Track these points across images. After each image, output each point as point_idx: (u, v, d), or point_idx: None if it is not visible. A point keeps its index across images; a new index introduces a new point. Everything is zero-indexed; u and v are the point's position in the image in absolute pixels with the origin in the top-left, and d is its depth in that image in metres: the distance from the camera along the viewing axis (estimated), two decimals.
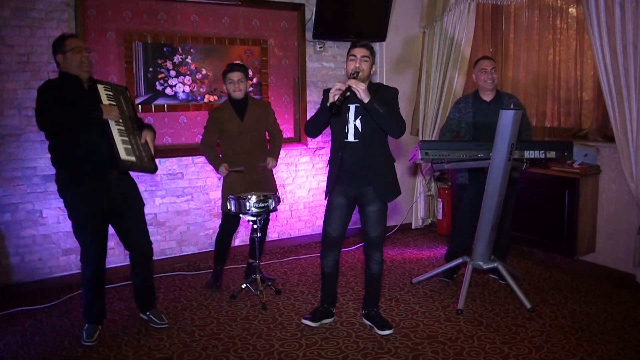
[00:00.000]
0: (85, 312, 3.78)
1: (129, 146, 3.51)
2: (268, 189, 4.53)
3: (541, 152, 4.17)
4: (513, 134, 3.90)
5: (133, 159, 3.49)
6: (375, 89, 3.58)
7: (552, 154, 4.18)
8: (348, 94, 3.39)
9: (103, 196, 3.60)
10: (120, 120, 3.56)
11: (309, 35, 5.78)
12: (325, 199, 3.84)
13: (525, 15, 5.60)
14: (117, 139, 3.48)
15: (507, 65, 5.85)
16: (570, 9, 5.24)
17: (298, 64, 5.80)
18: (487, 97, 4.49)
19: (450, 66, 5.87)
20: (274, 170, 4.69)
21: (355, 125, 3.60)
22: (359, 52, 3.55)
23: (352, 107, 3.57)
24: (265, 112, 4.62)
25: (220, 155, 4.54)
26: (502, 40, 5.91)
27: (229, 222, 4.62)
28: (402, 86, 6.33)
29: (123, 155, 3.44)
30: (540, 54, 5.48)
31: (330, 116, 3.50)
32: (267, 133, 4.71)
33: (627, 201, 4.62)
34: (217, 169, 4.48)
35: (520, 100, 5.56)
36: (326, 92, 3.70)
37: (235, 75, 4.38)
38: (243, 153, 4.46)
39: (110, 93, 3.63)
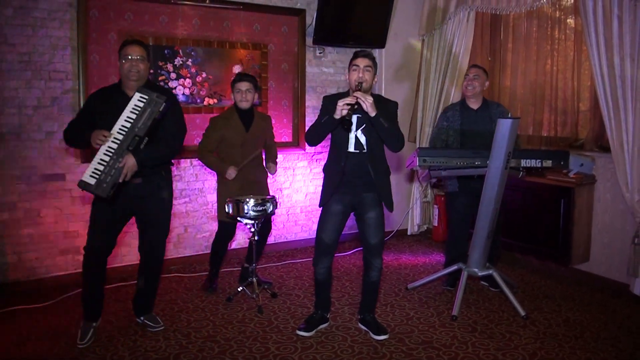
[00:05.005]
0: (83, 306, 3.81)
1: (101, 167, 3.42)
2: (264, 194, 4.56)
3: (538, 161, 4.21)
4: (510, 143, 3.94)
5: (92, 181, 3.40)
6: (377, 100, 3.55)
7: (548, 163, 4.22)
8: (356, 106, 3.42)
9: (121, 198, 3.61)
10: (119, 138, 3.45)
11: (309, 40, 5.81)
12: (320, 207, 3.83)
13: (524, 25, 5.65)
14: (97, 158, 3.42)
15: (505, 75, 5.90)
16: (568, 20, 5.29)
17: (298, 68, 5.84)
18: (474, 104, 4.55)
19: (448, 74, 5.91)
20: (269, 175, 4.76)
21: (356, 135, 3.62)
22: (362, 62, 3.55)
23: (354, 118, 3.55)
24: (267, 125, 4.69)
25: None
26: (500, 50, 5.96)
27: (226, 230, 4.63)
28: (401, 93, 6.38)
29: (85, 176, 3.40)
30: (538, 64, 5.52)
31: (343, 129, 3.50)
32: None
33: (622, 211, 4.66)
34: (224, 172, 4.42)
35: (517, 109, 5.65)
36: (326, 99, 3.72)
37: (243, 85, 4.40)
38: (242, 163, 4.48)
39: (141, 104, 3.48)
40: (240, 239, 5.60)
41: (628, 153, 4.36)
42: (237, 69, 5.41)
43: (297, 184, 5.99)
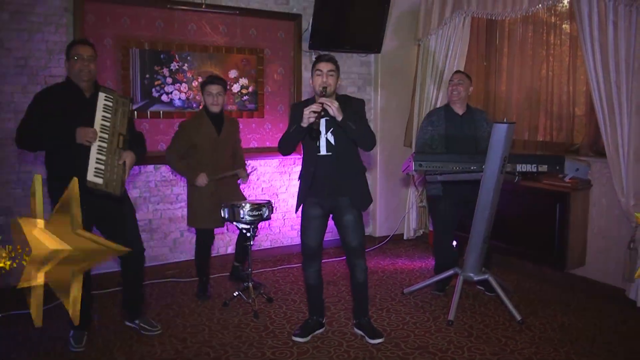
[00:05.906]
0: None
1: (102, 166, 3.38)
2: (236, 199, 4.54)
3: (533, 165, 4.22)
4: (506, 148, 3.95)
5: (100, 181, 3.37)
6: (343, 101, 3.61)
7: (544, 168, 4.23)
8: (322, 113, 3.46)
9: (90, 203, 3.49)
10: (105, 137, 3.43)
11: (305, 45, 5.82)
12: (296, 212, 3.89)
13: (520, 31, 5.67)
14: (93, 158, 3.37)
15: (501, 80, 5.92)
16: (564, 26, 5.31)
17: (294, 73, 5.84)
18: (459, 109, 4.57)
19: (444, 79, 5.92)
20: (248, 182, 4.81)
21: (327, 138, 3.64)
22: (325, 66, 3.60)
23: (322, 121, 3.59)
24: (235, 129, 4.69)
25: None
26: (495, 55, 5.98)
27: (204, 236, 4.65)
28: (396, 98, 6.40)
29: (90, 176, 3.33)
30: (534, 69, 5.54)
31: (311, 138, 3.54)
32: None
33: (618, 216, 4.67)
34: (194, 179, 4.39)
35: (513, 114, 5.68)
36: (293, 107, 3.79)
37: (214, 88, 4.39)
38: (213, 168, 4.46)
39: (110, 104, 3.47)
40: (234, 242, 5.58)
41: (623, 158, 4.38)
42: (233, 73, 5.42)
43: (294, 189, 5.98)
